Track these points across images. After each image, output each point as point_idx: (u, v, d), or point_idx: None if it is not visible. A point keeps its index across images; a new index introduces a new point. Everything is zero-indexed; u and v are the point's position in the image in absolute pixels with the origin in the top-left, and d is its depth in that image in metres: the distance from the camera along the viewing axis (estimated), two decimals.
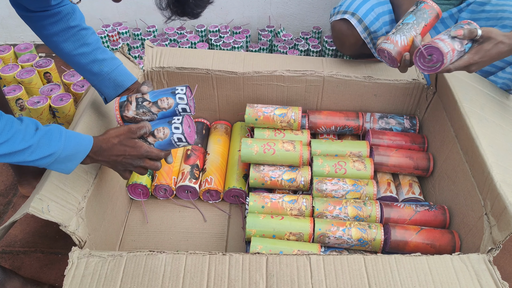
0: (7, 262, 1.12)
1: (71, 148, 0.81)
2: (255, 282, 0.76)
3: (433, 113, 1.22)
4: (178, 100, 0.92)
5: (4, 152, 0.74)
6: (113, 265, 0.78)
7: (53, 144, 0.79)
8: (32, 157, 0.77)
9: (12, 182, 1.33)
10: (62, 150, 0.79)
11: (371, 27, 1.22)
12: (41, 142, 0.78)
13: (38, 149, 0.77)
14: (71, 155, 0.81)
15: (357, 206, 1.06)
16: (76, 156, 0.83)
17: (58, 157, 0.79)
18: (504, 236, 0.82)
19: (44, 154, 0.78)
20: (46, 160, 0.79)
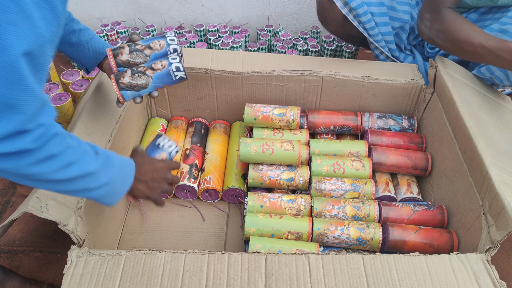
0: (5, 261, 1.11)
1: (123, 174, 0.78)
2: (254, 281, 0.76)
3: (431, 113, 1.23)
4: (169, 41, 0.99)
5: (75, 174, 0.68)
6: (112, 264, 0.78)
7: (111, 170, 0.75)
8: (93, 184, 0.72)
9: (11, 182, 1.33)
10: (117, 177, 0.76)
11: (351, 3, 1.23)
12: (103, 168, 0.73)
13: (99, 175, 0.72)
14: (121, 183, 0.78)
15: (356, 206, 1.07)
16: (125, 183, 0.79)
17: (112, 185, 0.75)
18: (502, 236, 0.82)
19: (103, 181, 0.73)
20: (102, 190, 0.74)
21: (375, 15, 1.28)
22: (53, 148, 0.64)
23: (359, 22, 1.28)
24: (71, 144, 0.67)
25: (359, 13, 1.25)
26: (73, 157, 0.67)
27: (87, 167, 0.69)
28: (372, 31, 1.30)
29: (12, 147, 0.58)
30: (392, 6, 1.31)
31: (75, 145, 0.68)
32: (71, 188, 0.70)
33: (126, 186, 0.79)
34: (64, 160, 0.66)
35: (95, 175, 0.71)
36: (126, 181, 0.80)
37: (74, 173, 0.68)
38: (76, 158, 0.68)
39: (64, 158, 0.66)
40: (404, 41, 1.43)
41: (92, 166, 0.70)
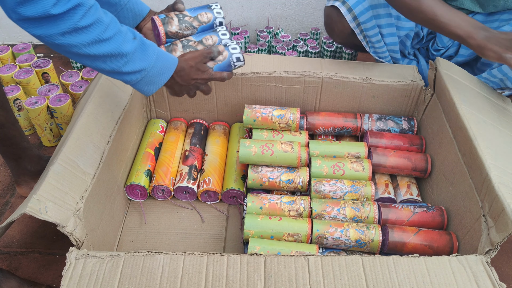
0: (4, 262, 1.11)
1: (160, 66, 0.79)
2: (253, 283, 0.76)
3: (431, 115, 1.23)
4: (216, 14, 0.99)
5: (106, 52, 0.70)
6: (111, 266, 0.78)
7: (147, 58, 0.76)
8: (126, 68, 0.74)
9: (10, 183, 1.33)
10: (153, 67, 0.77)
11: (360, 17, 1.23)
12: (137, 53, 0.75)
13: (133, 60, 0.74)
14: (158, 74, 0.80)
15: (355, 207, 1.07)
16: (162, 75, 0.81)
17: (147, 74, 0.77)
18: (502, 238, 0.82)
19: (137, 67, 0.75)
20: (136, 76, 0.76)
21: (383, 27, 1.28)
22: (80, 20, 0.65)
23: (365, 36, 1.28)
24: (102, 20, 0.68)
25: (367, 27, 1.25)
26: (105, 34, 0.68)
27: (120, 47, 0.71)
28: (378, 43, 1.30)
29: (34, 11, 0.60)
30: (398, 15, 1.30)
31: (107, 22, 0.69)
32: (103, 66, 0.72)
33: (163, 79, 0.81)
34: (94, 35, 0.67)
35: (128, 58, 0.73)
36: (164, 74, 0.81)
37: (105, 50, 0.69)
38: (108, 35, 0.69)
39: (94, 33, 0.67)
40: (408, 47, 1.43)
41: (126, 48, 0.71)
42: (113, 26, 0.71)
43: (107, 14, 0.71)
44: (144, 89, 0.81)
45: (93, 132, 1.02)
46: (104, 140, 1.04)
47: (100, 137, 1.03)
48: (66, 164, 0.91)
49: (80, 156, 0.95)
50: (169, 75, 0.83)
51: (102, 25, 0.69)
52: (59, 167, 0.89)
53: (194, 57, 0.90)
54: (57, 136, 1.46)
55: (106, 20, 0.70)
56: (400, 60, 1.42)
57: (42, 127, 1.39)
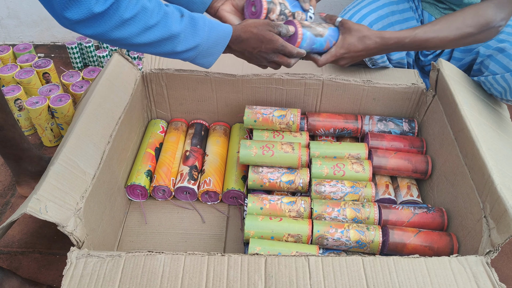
0: (4, 262, 1.11)
1: (214, 38, 0.79)
2: (254, 283, 0.76)
3: (432, 116, 1.23)
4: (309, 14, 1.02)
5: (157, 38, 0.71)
6: (111, 266, 0.78)
7: (199, 33, 0.76)
8: (180, 47, 0.74)
9: (11, 183, 1.33)
10: (206, 40, 0.78)
11: None
12: (187, 31, 0.75)
13: (186, 39, 0.75)
14: (214, 45, 0.80)
15: (356, 208, 1.07)
16: (217, 47, 0.81)
17: (202, 49, 0.78)
18: (503, 239, 0.82)
19: (191, 45, 0.75)
20: (192, 53, 0.77)
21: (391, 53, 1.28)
22: (124, 13, 0.67)
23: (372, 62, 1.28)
24: (146, 7, 0.69)
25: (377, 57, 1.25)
26: (151, 20, 0.70)
27: (170, 29, 0.71)
28: (383, 63, 1.30)
29: (79, 13, 0.63)
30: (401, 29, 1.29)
31: (151, 8, 0.70)
32: (158, 50, 0.73)
33: (219, 49, 0.81)
34: (142, 24, 0.69)
35: (180, 38, 0.73)
36: (219, 45, 0.81)
37: (156, 36, 0.70)
38: (155, 21, 0.70)
39: (141, 21, 0.69)
40: (413, 55, 1.42)
41: (176, 28, 0.72)
42: (158, 10, 0.72)
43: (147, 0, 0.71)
44: (203, 62, 0.81)
45: (94, 132, 1.02)
46: (104, 140, 1.04)
47: (101, 137, 1.03)
48: (67, 164, 0.91)
49: (81, 156, 0.95)
50: (225, 44, 0.82)
51: (147, 12, 0.70)
52: (60, 167, 0.89)
53: (257, 24, 0.87)
54: (57, 136, 1.46)
55: (149, 6, 0.70)
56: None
57: (43, 127, 1.39)
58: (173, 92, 1.32)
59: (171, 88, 1.31)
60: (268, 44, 0.87)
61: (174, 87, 1.30)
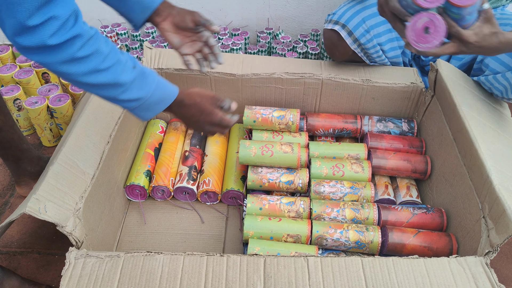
0: (3, 262, 1.11)
1: (158, 95, 0.80)
2: (253, 284, 0.76)
3: (431, 116, 1.23)
4: None
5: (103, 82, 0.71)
6: (110, 266, 0.78)
7: (145, 88, 0.77)
8: (123, 96, 0.75)
9: (9, 183, 1.33)
10: (150, 97, 0.78)
11: (361, 39, 1.22)
12: (135, 83, 0.75)
13: (131, 89, 0.75)
14: (156, 103, 0.80)
15: (355, 209, 1.07)
16: (158, 105, 0.82)
17: (144, 103, 0.78)
18: (502, 240, 0.82)
19: (134, 96, 0.76)
20: (132, 104, 0.77)
21: (384, 44, 1.27)
22: (77, 51, 0.66)
23: (366, 54, 1.27)
24: (101, 51, 0.69)
25: (368, 47, 1.24)
26: (103, 64, 0.70)
27: (118, 77, 0.72)
28: (379, 58, 1.30)
29: (30, 41, 0.61)
30: None
31: (106, 52, 0.70)
32: (101, 93, 0.73)
33: (160, 107, 0.82)
34: (92, 66, 0.68)
35: (126, 87, 0.73)
36: (162, 103, 0.82)
37: (103, 80, 0.70)
38: (106, 65, 0.70)
39: (92, 63, 0.68)
40: (408, 55, 1.42)
41: (124, 78, 0.72)
42: (112, 56, 0.72)
43: (108, 44, 0.72)
44: (141, 115, 0.81)
45: (93, 132, 1.02)
46: (104, 140, 1.04)
47: (100, 137, 1.03)
48: (66, 164, 0.91)
49: (80, 156, 0.95)
50: (166, 105, 0.83)
51: (101, 55, 0.69)
52: (59, 167, 0.89)
53: (201, 95, 0.89)
54: (57, 136, 1.46)
55: (105, 50, 0.71)
56: None
57: (42, 127, 1.39)
58: None
59: None
60: (207, 116, 0.89)
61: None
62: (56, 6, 0.62)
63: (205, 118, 0.89)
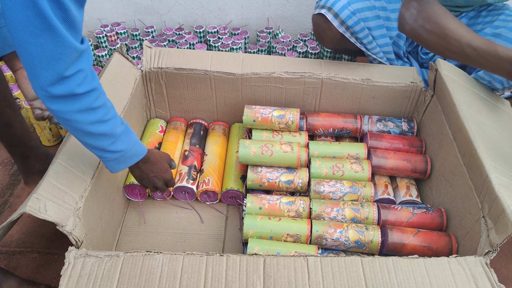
0: (3, 262, 1.11)
1: (135, 150, 0.89)
2: (252, 283, 0.76)
3: (431, 116, 1.23)
4: None
5: (103, 131, 0.79)
6: (110, 265, 0.78)
7: (128, 142, 0.86)
8: (111, 147, 0.83)
9: (9, 182, 1.32)
10: (129, 151, 0.87)
11: (348, 21, 1.23)
12: (122, 136, 0.84)
13: (118, 142, 0.83)
14: (131, 157, 0.89)
15: (355, 208, 1.06)
16: (133, 158, 0.90)
17: (123, 155, 0.86)
18: (501, 239, 0.82)
19: (119, 148, 0.84)
20: (114, 155, 0.85)
21: (372, 29, 1.28)
22: (94, 102, 0.76)
23: (356, 38, 1.28)
24: (107, 104, 0.79)
25: (356, 30, 1.25)
26: (107, 116, 0.79)
27: (114, 129, 0.81)
28: (370, 45, 1.30)
29: (61, 90, 0.70)
30: (387, 16, 1.30)
31: (110, 106, 0.81)
32: (94, 143, 0.81)
33: (132, 161, 0.90)
34: (100, 116, 0.78)
35: (116, 139, 0.83)
36: (134, 158, 0.90)
37: (103, 130, 0.79)
38: (109, 117, 0.80)
39: (101, 113, 0.78)
40: (403, 48, 1.43)
41: (117, 131, 0.82)
42: (112, 110, 0.82)
43: (109, 100, 0.82)
44: (115, 167, 0.88)
45: None
46: None
47: None
48: (66, 163, 0.91)
49: (80, 156, 0.95)
50: (137, 159, 0.91)
51: (106, 108, 0.79)
52: (59, 166, 0.89)
53: (162, 155, 1.01)
54: (56, 136, 1.45)
55: (109, 104, 0.81)
56: (395, 61, 1.41)
57: (42, 126, 1.39)
58: (172, 91, 1.32)
59: (170, 87, 1.31)
60: (164, 173, 1.01)
61: (173, 86, 1.30)
62: (83, 60, 0.71)
63: (161, 174, 1.00)
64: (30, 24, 0.63)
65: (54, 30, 0.64)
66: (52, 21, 0.63)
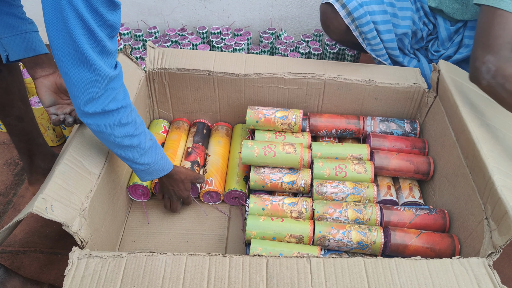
0: (6, 262, 1.11)
1: (161, 164, 0.99)
2: (255, 284, 0.76)
3: (433, 117, 1.23)
4: None
5: (131, 144, 0.89)
6: (113, 266, 0.78)
7: (155, 156, 0.97)
8: (141, 159, 0.94)
9: (12, 182, 1.33)
10: (156, 164, 0.97)
11: (354, 13, 1.24)
12: (150, 150, 0.95)
13: (146, 155, 0.94)
14: (158, 170, 0.99)
15: (357, 209, 1.07)
16: (159, 172, 1.01)
17: (150, 167, 0.97)
18: (504, 241, 0.82)
19: (147, 161, 0.95)
20: (143, 167, 0.96)
21: (378, 23, 1.28)
22: (126, 117, 0.86)
23: (360, 32, 1.28)
24: (137, 121, 0.90)
25: (362, 23, 1.25)
26: (137, 130, 0.89)
27: (143, 143, 0.92)
28: (373, 40, 1.30)
29: (94, 108, 0.80)
30: (394, 13, 1.31)
31: (140, 122, 0.91)
32: (125, 154, 0.91)
33: (159, 174, 1.01)
34: (130, 130, 0.87)
35: (144, 152, 0.93)
36: (161, 172, 1.01)
37: (132, 143, 0.89)
38: (138, 132, 0.90)
39: (131, 129, 0.88)
40: (407, 46, 1.43)
41: (146, 145, 0.93)
42: (143, 126, 0.92)
43: (139, 117, 0.92)
44: (144, 177, 1.00)
45: None
46: None
47: None
48: (72, 164, 0.91)
49: (86, 156, 0.95)
50: (164, 173, 1.02)
51: (136, 124, 0.89)
52: (65, 166, 0.90)
53: (187, 174, 1.12)
54: (59, 136, 1.46)
55: (139, 120, 0.91)
56: (400, 57, 1.42)
57: (45, 126, 1.39)
58: (175, 92, 1.32)
59: (174, 87, 1.31)
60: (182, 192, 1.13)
61: (176, 86, 1.31)
62: (113, 81, 0.81)
63: (179, 192, 1.12)
64: (71, 57, 0.73)
65: (90, 62, 0.75)
66: (88, 55, 0.74)
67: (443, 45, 1.40)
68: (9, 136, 1.15)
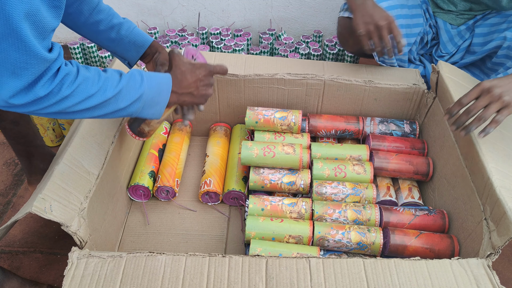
0: (5, 262, 1.11)
1: (155, 87, 0.83)
2: (255, 284, 0.76)
3: (433, 118, 1.23)
4: None
5: (98, 102, 0.74)
6: (112, 266, 0.78)
7: (138, 86, 0.80)
8: (123, 103, 0.78)
9: (12, 182, 1.33)
10: (149, 89, 0.81)
11: None
12: (129, 86, 0.78)
13: (127, 94, 0.78)
14: (157, 95, 0.83)
15: (357, 210, 1.07)
16: (162, 95, 0.85)
17: (145, 99, 0.81)
18: (503, 241, 0.82)
19: (133, 98, 0.79)
20: (137, 105, 0.80)
21: None
22: (64, 91, 0.70)
23: None
24: (86, 77, 0.73)
25: None
26: (90, 90, 0.73)
27: (107, 94, 0.75)
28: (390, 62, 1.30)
29: (24, 99, 0.66)
30: (408, 24, 1.29)
31: (91, 77, 0.73)
32: (101, 112, 0.77)
33: (164, 98, 0.85)
34: (80, 96, 0.72)
35: (119, 96, 0.77)
36: (163, 94, 0.85)
37: (95, 102, 0.74)
38: (94, 90, 0.73)
39: (80, 94, 0.72)
40: (414, 53, 1.42)
41: (113, 91, 0.76)
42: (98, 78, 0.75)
43: (89, 69, 0.75)
44: (152, 112, 0.84)
45: (98, 132, 1.02)
46: (108, 140, 1.04)
47: (104, 137, 1.03)
48: (71, 163, 0.92)
49: (85, 156, 0.95)
50: (169, 90, 0.86)
51: (88, 82, 0.73)
52: (64, 166, 0.90)
53: (180, 63, 0.93)
54: (59, 136, 1.46)
55: (90, 75, 0.74)
56: (407, 65, 1.41)
57: (45, 127, 1.39)
58: None
59: None
60: (201, 72, 0.93)
61: None
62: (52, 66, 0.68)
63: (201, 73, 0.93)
64: None
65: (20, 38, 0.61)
66: None
67: (445, 48, 1.39)
68: (6, 140, 1.15)
